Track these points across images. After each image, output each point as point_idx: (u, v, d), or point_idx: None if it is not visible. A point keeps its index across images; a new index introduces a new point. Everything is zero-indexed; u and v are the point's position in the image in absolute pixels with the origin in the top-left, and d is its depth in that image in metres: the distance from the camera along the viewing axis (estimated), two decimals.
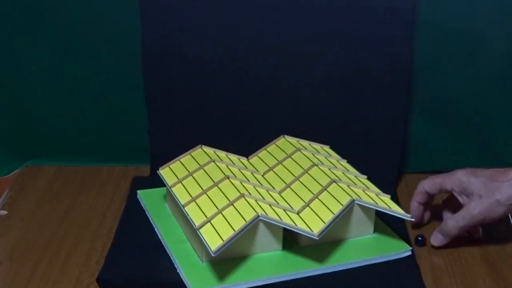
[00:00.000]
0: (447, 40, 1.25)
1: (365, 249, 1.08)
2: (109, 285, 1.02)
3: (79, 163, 1.35)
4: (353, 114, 1.28)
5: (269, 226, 1.04)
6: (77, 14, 1.26)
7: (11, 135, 1.35)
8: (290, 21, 1.24)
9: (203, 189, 1.09)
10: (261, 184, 1.11)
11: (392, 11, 1.23)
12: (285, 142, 1.23)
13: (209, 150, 1.20)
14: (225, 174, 1.12)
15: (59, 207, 1.22)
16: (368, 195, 1.08)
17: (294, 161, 1.17)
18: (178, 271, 1.03)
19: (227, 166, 1.15)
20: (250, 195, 1.07)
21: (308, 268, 1.03)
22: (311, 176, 1.13)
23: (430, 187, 1.12)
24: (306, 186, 1.10)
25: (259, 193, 1.08)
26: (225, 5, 1.24)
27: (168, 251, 1.07)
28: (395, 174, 1.30)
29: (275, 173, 1.14)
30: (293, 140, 1.24)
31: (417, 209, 1.14)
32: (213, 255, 0.96)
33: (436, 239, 1.10)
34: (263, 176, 1.14)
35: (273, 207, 1.05)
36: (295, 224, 1.01)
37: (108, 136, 1.34)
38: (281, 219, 1.02)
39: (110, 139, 1.34)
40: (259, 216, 1.02)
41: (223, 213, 1.03)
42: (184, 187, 1.10)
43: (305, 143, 1.23)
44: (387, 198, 1.08)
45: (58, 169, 1.34)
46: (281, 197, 1.08)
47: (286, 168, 1.16)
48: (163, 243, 1.09)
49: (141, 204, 1.20)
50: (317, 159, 1.18)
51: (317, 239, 0.99)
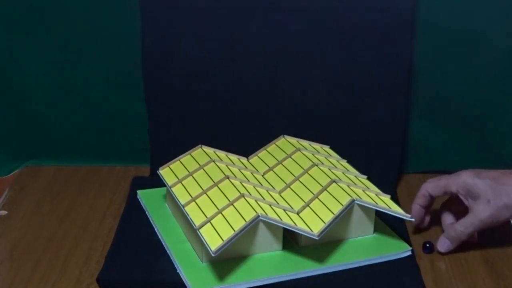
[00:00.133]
0: (447, 40, 1.25)
1: (365, 249, 1.08)
2: (109, 285, 1.02)
3: (79, 163, 1.35)
4: (353, 114, 1.28)
5: (269, 226, 1.04)
6: (77, 14, 1.26)
7: (11, 135, 1.35)
8: (290, 21, 1.24)
9: (203, 189, 1.09)
10: (261, 184, 1.11)
11: (392, 11, 1.23)
12: (285, 142, 1.23)
13: (209, 150, 1.20)
14: (225, 174, 1.12)
15: (59, 207, 1.22)
16: (368, 195, 1.08)
17: (294, 161, 1.17)
18: (178, 271, 1.03)
19: (227, 166, 1.15)
20: (250, 195, 1.07)
21: (308, 268, 1.03)
22: (311, 176, 1.13)
23: (433, 189, 1.09)
24: (306, 186, 1.10)
25: (259, 193, 1.08)
26: (225, 5, 1.24)
27: (168, 251, 1.07)
28: (395, 174, 1.29)
29: (275, 173, 1.14)
30: (293, 140, 1.24)
31: (418, 212, 1.12)
32: (213, 255, 0.96)
33: (443, 245, 1.08)
34: (263, 176, 1.14)
35: (273, 207, 1.05)
36: (295, 224, 1.01)
37: (108, 136, 1.34)
38: (281, 219, 1.02)
39: (110, 139, 1.34)
40: (259, 216, 1.02)
41: (223, 213, 1.03)
42: (184, 187, 1.10)
43: (305, 143, 1.23)
44: (387, 198, 1.08)
45: (58, 169, 1.34)
46: (281, 197, 1.08)
47: (286, 168, 1.16)
48: (163, 243, 1.09)
49: (141, 204, 1.20)
50: (317, 159, 1.18)
51: (317, 239, 0.99)
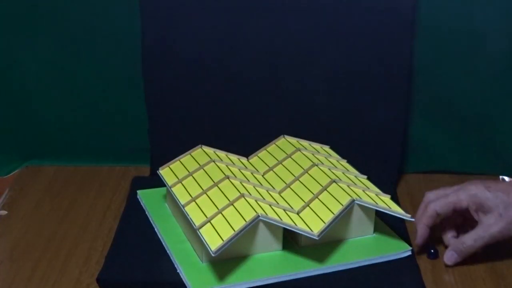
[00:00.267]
0: (447, 40, 1.25)
1: (365, 249, 1.08)
2: (109, 285, 1.02)
3: (79, 163, 1.35)
4: (353, 114, 1.28)
5: (269, 226, 1.04)
6: (77, 14, 1.26)
7: (11, 135, 1.35)
8: (290, 21, 1.24)
9: (203, 189, 1.08)
10: (261, 184, 1.11)
11: (392, 11, 1.23)
12: (285, 142, 1.23)
13: (209, 150, 1.20)
14: (225, 174, 1.12)
15: (59, 207, 1.22)
16: (368, 195, 1.08)
17: (294, 161, 1.17)
18: (178, 271, 1.03)
19: (227, 166, 1.15)
20: (250, 195, 1.07)
21: (308, 268, 1.03)
22: (311, 176, 1.13)
23: (442, 208, 1.04)
24: (306, 186, 1.10)
25: (259, 193, 1.08)
26: (225, 5, 1.24)
27: (168, 251, 1.07)
28: (395, 174, 1.29)
29: (275, 173, 1.14)
30: (293, 140, 1.24)
31: (425, 233, 1.07)
32: (213, 255, 0.96)
33: (451, 259, 1.05)
34: (263, 176, 1.14)
35: (273, 207, 1.05)
36: (295, 224, 1.01)
37: (108, 136, 1.34)
38: (281, 219, 1.02)
39: (110, 139, 1.34)
40: (259, 216, 1.02)
41: (223, 213, 1.03)
42: (184, 187, 1.10)
43: (305, 143, 1.23)
44: (387, 198, 1.08)
45: (58, 169, 1.34)
46: (281, 197, 1.08)
47: (286, 168, 1.16)
48: (163, 243, 1.09)
49: (141, 204, 1.20)
50: (317, 159, 1.18)
51: (317, 239, 0.99)
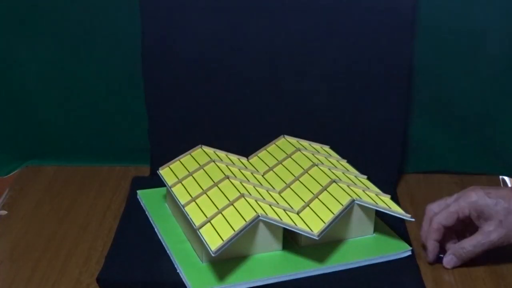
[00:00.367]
0: (447, 40, 1.25)
1: (365, 249, 1.08)
2: (109, 285, 1.02)
3: (79, 163, 1.35)
4: (353, 114, 1.28)
5: (269, 226, 1.04)
6: (77, 14, 1.26)
7: (11, 135, 1.35)
8: (290, 21, 1.24)
9: (203, 189, 1.08)
10: (261, 184, 1.11)
11: (392, 11, 1.23)
12: (285, 142, 1.23)
13: (209, 150, 1.20)
14: (225, 174, 1.12)
15: (59, 207, 1.22)
16: (368, 195, 1.08)
17: (294, 161, 1.17)
18: (178, 271, 1.03)
19: (227, 166, 1.15)
20: (250, 195, 1.07)
21: (308, 268, 1.03)
22: (311, 176, 1.13)
23: (447, 220, 1.04)
24: (306, 186, 1.10)
25: (259, 193, 1.08)
26: (225, 5, 1.24)
27: (168, 251, 1.07)
28: (395, 174, 1.29)
29: (275, 173, 1.14)
30: (293, 140, 1.24)
31: (435, 248, 1.05)
32: (213, 255, 0.96)
33: (450, 262, 1.05)
34: (263, 176, 1.14)
35: (273, 207, 1.05)
36: (295, 224, 1.01)
37: (108, 136, 1.34)
38: (281, 219, 1.02)
39: (110, 139, 1.34)
40: (259, 216, 1.02)
41: (223, 213, 1.03)
42: (184, 187, 1.10)
43: (305, 143, 1.23)
44: (387, 198, 1.08)
45: (58, 169, 1.34)
46: (281, 197, 1.08)
47: (286, 168, 1.15)
48: (163, 243, 1.09)
49: (141, 204, 1.19)
50: (317, 159, 1.18)
51: (317, 239, 0.99)
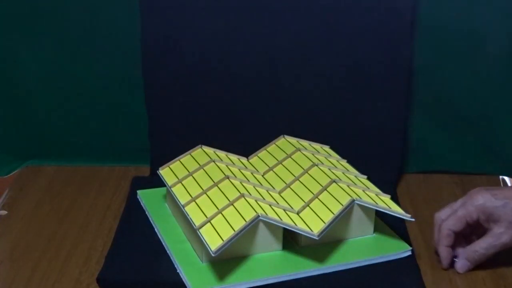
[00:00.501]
0: (447, 40, 1.25)
1: (365, 249, 1.08)
2: (109, 285, 1.02)
3: (79, 163, 1.35)
4: (353, 114, 1.28)
5: (269, 226, 1.04)
6: (77, 14, 1.26)
7: (11, 135, 1.35)
8: (290, 21, 1.24)
9: (203, 189, 1.08)
10: (261, 184, 1.11)
11: (392, 11, 1.23)
12: (285, 142, 1.23)
13: (209, 150, 1.20)
14: (225, 174, 1.12)
15: (59, 207, 1.22)
16: (368, 195, 1.08)
17: (294, 161, 1.17)
18: (178, 271, 1.03)
19: (227, 166, 1.15)
20: (250, 195, 1.07)
21: (308, 268, 1.03)
22: (311, 176, 1.13)
23: (456, 225, 1.04)
24: (306, 186, 1.10)
25: (259, 193, 1.08)
26: (225, 5, 1.24)
27: (168, 251, 1.07)
28: (395, 174, 1.29)
29: (275, 173, 1.14)
30: (293, 140, 1.24)
31: (448, 254, 1.05)
32: (213, 255, 0.96)
33: (463, 267, 1.05)
34: (263, 176, 1.14)
35: (273, 207, 1.05)
36: (295, 224, 1.01)
37: (108, 136, 1.34)
38: (281, 219, 1.02)
39: (110, 139, 1.34)
40: (259, 216, 1.02)
41: (223, 213, 1.03)
42: (184, 187, 1.10)
43: (305, 143, 1.23)
44: (387, 198, 1.08)
45: (58, 169, 1.34)
46: (281, 197, 1.08)
47: (286, 168, 1.15)
48: (163, 243, 1.09)
49: (141, 204, 1.20)
50: (317, 159, 1.18)
51: (317, 239, 0.99)
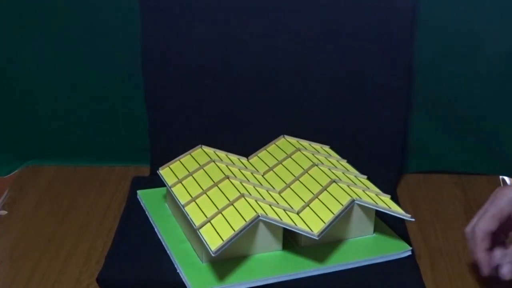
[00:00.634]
0: (447, 40, 1.25)
1: (365, 249, 1.08)
2: (109, 285, 1.02)
3: (79, 163, 1.35)
4: (353, 114, 1.28)
5: (269, 226, 1.04)
6: (77, 14, 1.26)
7: (11, 135, 1.35)
8: (290, 21, 1.24)
9: (203, 189, 1.08)
10: (261, 184, 1.11)
11: (392, 11, 1.23)
12: (285, 142, 1.23)
13: (209, 150, 1.20)
14: (225, 174, 1.12)
15: (59, 207, 1.22)
16: (368, 195, 1.08)
17: (294, 161, 1.17)
18: (178, 271, 1.03)
19: (227, 166, 1.15)
20: (250, 195, 1.07)
21: (308, 268, 1.03)
22: (311, 176, 1.13)
23: (490, 224, 0.97)
24: (306, 186, 1.10)
25: (259, 193, 1.08)
26: (225, 5, 1.24)
27: (168, 251, 1.07)
28: (395, 174, 1.29)
29: (275, 173, 1.14)
30: (293, 140, 1.24)
31: (487, 258, 0.98)
32: (213, 255, 0.96)
33: (511, 271, 0.97)
34: (263, 176, 1.14)
35: (273, 207, 1.05)
36: (295, 224, 1.01)
37: (108, 136, 1.34)
38: (281, 219, 1.02)
39: (110, 139, 1.34)
40: (259, 216, 1.02)
41: (223, 213, 1.03)
42: (184, 187, 1.10)
43: (305, 143, 1.23)
44: (387, 198, 1.08)
45: (58, 169, 1.34)
46: (281, 197, 1.08)
47: (286, 168, 1.15)
48: (163, 243, 1.09)
49: (141, 204, 1.20)
50: (317, 159, 1.18)
51: (317, 239, 0.99)
